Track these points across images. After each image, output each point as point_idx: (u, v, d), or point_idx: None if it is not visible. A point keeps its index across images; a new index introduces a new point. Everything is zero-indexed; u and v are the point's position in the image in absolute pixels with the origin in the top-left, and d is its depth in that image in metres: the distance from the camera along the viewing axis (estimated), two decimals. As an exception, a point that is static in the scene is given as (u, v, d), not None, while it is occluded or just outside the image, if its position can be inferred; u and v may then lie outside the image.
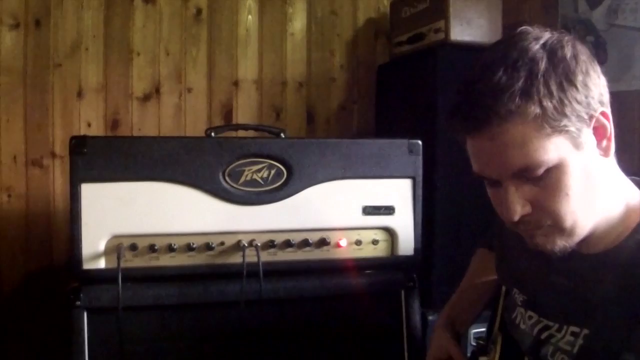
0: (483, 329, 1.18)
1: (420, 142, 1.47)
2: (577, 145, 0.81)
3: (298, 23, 2.27)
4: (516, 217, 0.84)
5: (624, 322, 0.80)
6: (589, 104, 0.81)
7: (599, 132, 0.83)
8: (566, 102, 0.79)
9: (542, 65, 0.80)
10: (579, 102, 0.80)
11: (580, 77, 0.80)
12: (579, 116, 0.80)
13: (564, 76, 0.80)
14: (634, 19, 1.76)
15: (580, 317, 0.87)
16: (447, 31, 1.86)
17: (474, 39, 1.88)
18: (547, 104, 0.79)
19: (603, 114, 0.83)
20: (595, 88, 0.82)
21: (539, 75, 0.79)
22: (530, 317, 0.97)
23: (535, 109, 0.79)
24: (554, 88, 0.79)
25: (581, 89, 0.80)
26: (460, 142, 0.87)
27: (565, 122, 0.80)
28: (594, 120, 0.82)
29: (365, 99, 2.33)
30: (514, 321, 1.02)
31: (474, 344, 1.18)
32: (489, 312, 1.16)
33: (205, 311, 1.33)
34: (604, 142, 0.84)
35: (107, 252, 1.29)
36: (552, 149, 0.80)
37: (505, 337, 1.05)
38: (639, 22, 1.75)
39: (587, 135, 0.82)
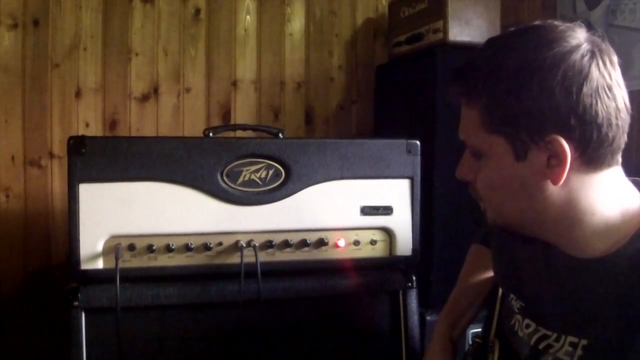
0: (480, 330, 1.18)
1: (418, 142, 1.47)
2: (517, 155, 0.81)
3: (297, 23, 2.27)
4: (457, 174, 0.92)
5: (623, 333, 0.78)
6: (530, 126, 0.79)
7: (551, 157, 0.80)
8: (503, 110, 0.80)
9: (512, 66, 0.80)
10: (518, 118, 0.79)
11: (533, 94, 0.77)
12: (520, 130, 0.80)
13: (516, 86, 0.79)
14: (633, 20, 1.76)
15: (578, 327, 0.84)
16: (445, 31, 1.87)
17: (472, 40, 1.89)
18: (491, 104, 0.81)
19: (555, 140, 0.78)
20: (554, 113, 0.77)
21: (503, 74, 0.80)
22: (528, 325, 0.95)
23: (482, 102, 0.83)
24: (500, 93, 0.80)
25: (527, 106, 0.78)
26: None
27: (503, 128, 0.81)
28: (543, 143, 0.79)
29: (364, 99, 2.34)
30: (512, 328, 0.99)
31: (471, 343, 1.17)
32: (485, 312, 1.16)
33: (203, 311, 1.33)
34: (555, 170, 0.79)
35: (105, 253, 1.28)
36: (488, 143, 0.84)
37: (503, 344, 1.03)
38: (638, 22, 1.75)
39: (534, 153, 0.80)
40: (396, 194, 1.44)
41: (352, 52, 2.34)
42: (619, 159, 0.83)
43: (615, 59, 0.81)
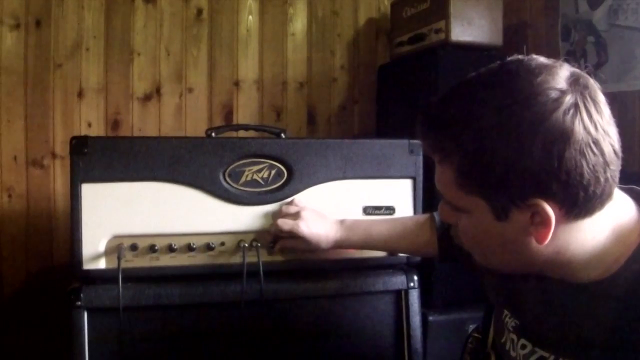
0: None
1: (420, 142, 1.46)
2: (498, 215, 0.77)
3: (299, 23, 2.27)
4: (440, 216, 0.90)
5: (620, 357, 0.75)
6: (509, 190, 0.73)
7: (534, 215, 0.74)
8: (479, 173, 0.75)
9: (487, 125, 0.72)
10: (495, 182, 0.74)
11: (511, 158, 0.71)
12: (498, 193, 0.74)
13: (492, 148, 0.72)
14: (635, 20, 1.76)
15: (575, 350, 0.81)
16: (447, 31, 1.87)
17: (474, 40, 1.89)
18: (466, 165, 0.76)
19: (537, 205, 0.73)
20: (535, 178, 0.71)
21: (477, 133, 0.73)
22: (523, 346, 0.89)
23: (456, 162, 0.77)
24: (474, 154, 0.74)
25: (504, 170, 0.72)
26: None
27: (480, 190, 0.76)
28: (525, 205, 0.74)
29: (366, 99, 2.34)
30: (504, 346, 0.95)
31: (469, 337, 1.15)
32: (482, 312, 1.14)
33: (205, 311, 1.33)
34: (540, 228, 0.74)
35: (107, 252, 1.28)
36: (465, 201, 0.79)
37: (497, 356, 1.00)
38: (640, 22, 1.75)
39: (515, 214, 0.75)
40: (398, 194, 1.44)
41: (354, 52, 2.34)
42: (613, 195, 0.77)
43: (601, 99, 0.74)
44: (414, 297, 1.45)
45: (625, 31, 1.78)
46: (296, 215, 1.30)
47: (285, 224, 1.30)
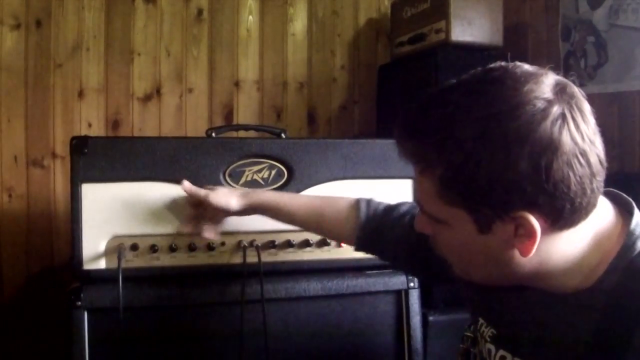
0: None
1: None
2: (480, 228, 0.74)
3: (299, 23, 2.27)
4: (416, 227, 0.88)
5: None
6: (493, 202, 0.71)
7: (518, 227, 0.72)
8: (462, 184, 0.72)
9: (471, 135, 0.70)
10: (479, 193, 0.71)
11: (496, 169, 0.69)
12: (482, 205, 0.72)
13: (476, 158, 0.69)
14: (635, 19, 1.76)
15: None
16: (448, 31, 1.87)
17: (475, 40, 1.89)
18: (448, 176, 0.73)
19: (522, 217, 0.71)
20: (521, 190, 0.69)
21: (460, 143, 0.70)
22: (503, 357, 0.87)
23: (437, 173, 0.74)
24: (458, 165, 0.71)
25: (489, 181, 0.70)
26: None
27: (463, 202, 0.73)
28: (509, 218, 0.72)
29: (366, 99, 2.34)
30: (481, 353, 0.94)
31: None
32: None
33: (205, 311, 1.33)
34: (524, 240, 0.72)
35: (107, 253, 1.29)
36: (447, 213, 0.76)
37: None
38: (640, 22, 1.75)
39: (499, 226, 0.73)
40: (398, 194, 1.44)
41: (354, 52, 2.34)
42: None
43: (587, 108, 0.72)
44: (414, 297, 1.45)
45: (625, 31, 1.78)
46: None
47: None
